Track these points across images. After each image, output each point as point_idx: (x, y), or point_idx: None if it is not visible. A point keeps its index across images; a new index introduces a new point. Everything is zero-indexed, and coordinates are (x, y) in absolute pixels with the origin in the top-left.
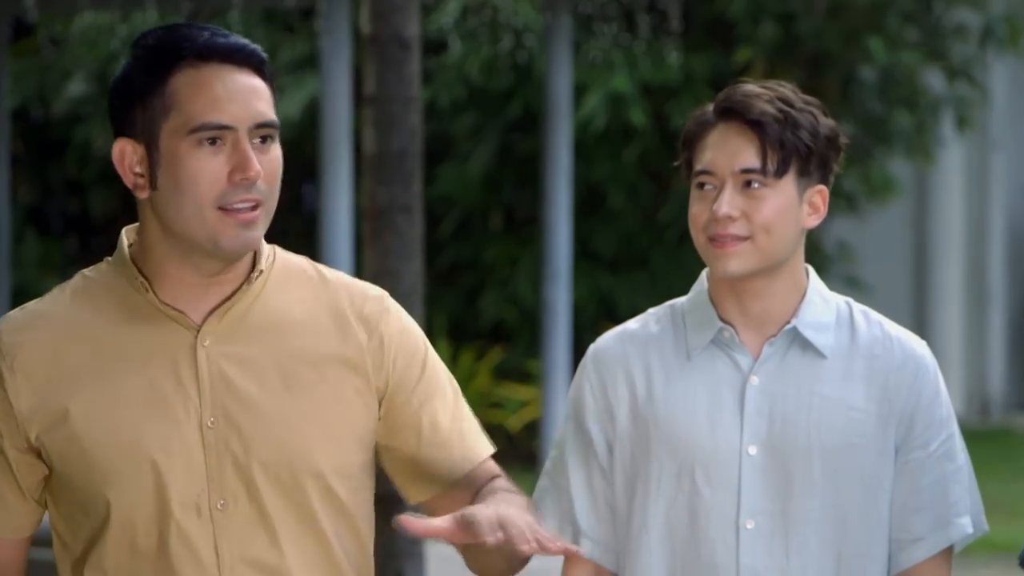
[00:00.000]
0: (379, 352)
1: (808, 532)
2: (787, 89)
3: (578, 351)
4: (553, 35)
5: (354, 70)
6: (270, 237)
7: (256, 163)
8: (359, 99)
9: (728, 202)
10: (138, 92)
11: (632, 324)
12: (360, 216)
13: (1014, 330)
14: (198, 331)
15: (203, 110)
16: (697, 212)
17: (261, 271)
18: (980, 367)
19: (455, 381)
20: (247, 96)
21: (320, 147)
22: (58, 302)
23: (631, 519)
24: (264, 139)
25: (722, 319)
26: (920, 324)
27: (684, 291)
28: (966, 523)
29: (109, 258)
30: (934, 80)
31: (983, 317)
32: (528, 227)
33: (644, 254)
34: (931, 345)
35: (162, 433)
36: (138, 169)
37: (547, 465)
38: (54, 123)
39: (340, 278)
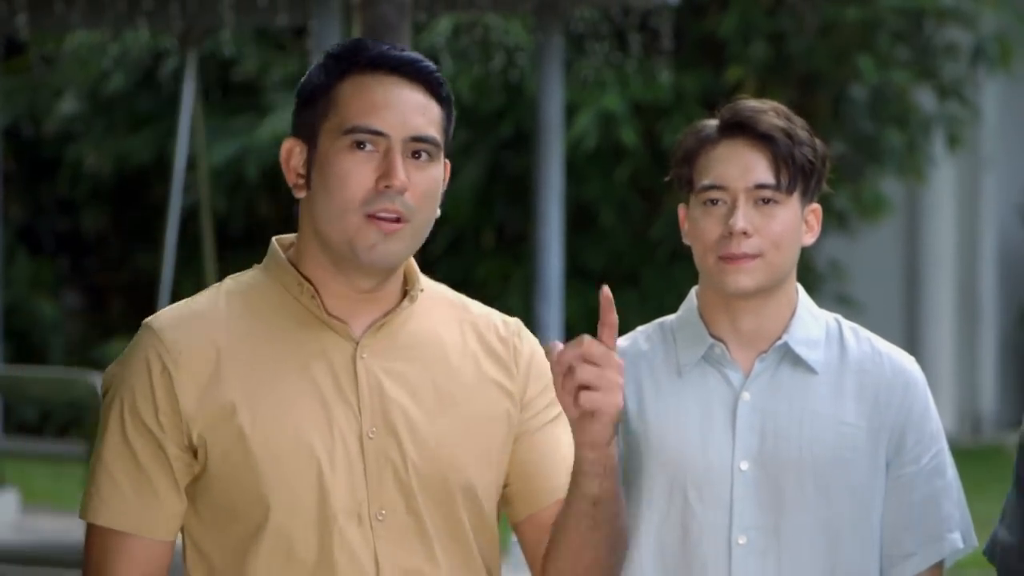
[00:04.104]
0: (518, 373)
1: (801, 547)
2: (776, 105)
3: None
4: (544, 54)
5: None
6: (262, 256)
7: (402, 173)
8: None
9: (744, 217)
10: (310, 94)
11: (622, 342)
12: None
13: (1005, 348)
14: (357, 344)
15: (358, 113)
16: (707, 228)
17: (422, 289)
18: (971, 385)
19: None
20: (406, 108)
21: None
22: (213, 303)
23: None
24: (420, 154)
25: (712, 335)
26: (911, 342)
27: (675, 308)
28: (956, 538)
29: (258, 264)
30: (925, 99)
31: (974, 335)
32: (520, 245)
33: (635, 272)
34: (922, 363)
35: (326, 439)
36: (301, 170)
37: None
38: (45, 141)
39: (479, 306)
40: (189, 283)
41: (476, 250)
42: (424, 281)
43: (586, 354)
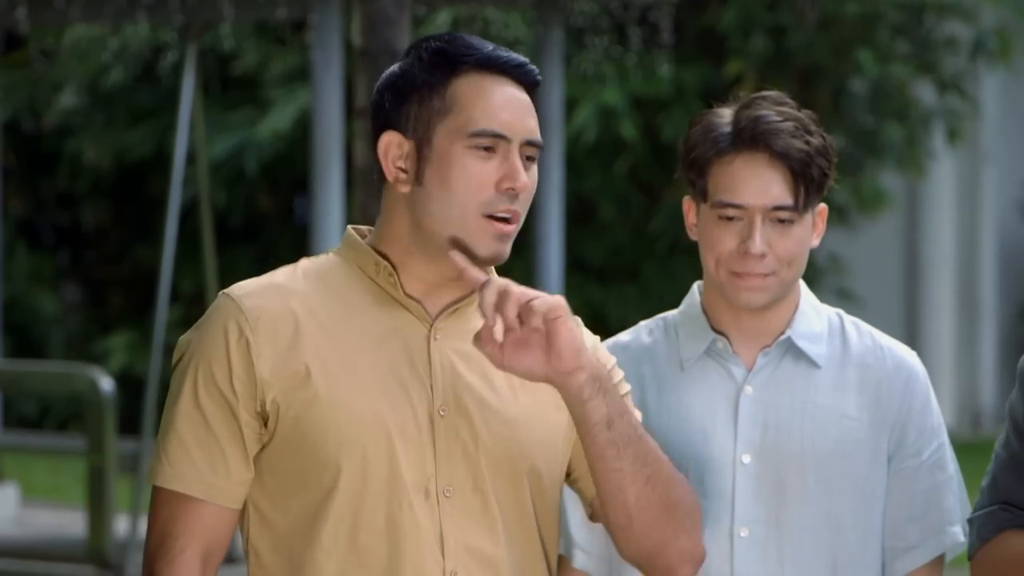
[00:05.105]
0: None
1: (802, 540)
2: (791, 107)
3: None
4: (544, 48)
5: (345, 83)
6: (262, 250)
7: (523, 176)
8: (350, 111)
9: (761, 239)
10: (416, 89)
11: (624, 336)
12: None
13: (1005, 342)
14: (431, 324)
15: (483, 116)
16: (721, 241)
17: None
18: (971, 379)
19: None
20: (523, 111)
21: (311, 159)
22: (291, 277)
23: None
24: (528, 158)
25: (715, 330)
26: (911, 336)
27: (675, 302)
28: (958, 531)
29: (332, 249)
30: (925, 93)
31: (974, 329)
32: (519, 238)
33: (634, 266)
34: (923, 357)
35: (398, 412)
36: (402, 164)
37: None
38: (45, 135)
39: None
40: (189, 277)
41: None
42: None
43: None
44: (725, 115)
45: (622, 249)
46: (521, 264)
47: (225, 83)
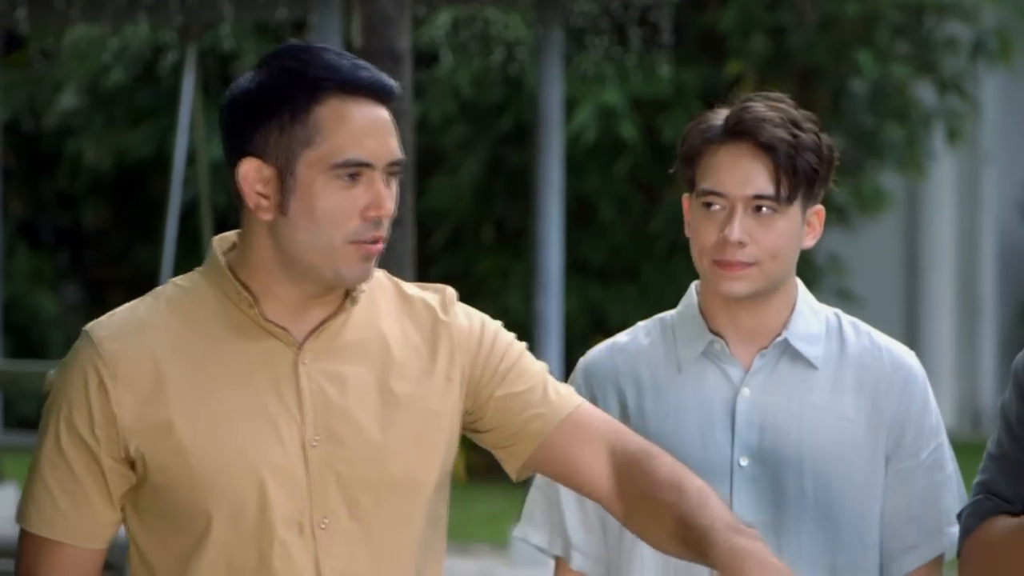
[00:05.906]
0: (459, 349)
1: (801, 542)
2: (788, 105)
3: (569, 363)
4: (544, 48)
5: None
6: None
7: (389, 203)
8: None
9: (740, 227)
10: (275, 114)
11: (622, 337)
12: None
13: (1005, 342)
14: (299, 349)
15: (347, 145)
16: (704, 233)
17: (363, 291)
18: (971, 379)
19: (533, 359)
20: (385, 133)
21: None
22: (154, 311)
23: (623, 531)
24: (391, 174)
25: (712, 331)
26: (911, 337)
27: (674, 302)
28: (956, 532)
29: (199, 268)
30: (925, 93)
31: (974, 329)
32: (519, 239)
33: (634, 266)
34: (922, 357)
35: (266, 450)
36: (262, 189)
37: (537, 478)
38: (45, 136)
39: (411, 288)
40: None
41: (476, 245)
42: None
43: None
44: (721, 113)
45: (622, 249)
46: (521, 264)
47: (225, 83)
